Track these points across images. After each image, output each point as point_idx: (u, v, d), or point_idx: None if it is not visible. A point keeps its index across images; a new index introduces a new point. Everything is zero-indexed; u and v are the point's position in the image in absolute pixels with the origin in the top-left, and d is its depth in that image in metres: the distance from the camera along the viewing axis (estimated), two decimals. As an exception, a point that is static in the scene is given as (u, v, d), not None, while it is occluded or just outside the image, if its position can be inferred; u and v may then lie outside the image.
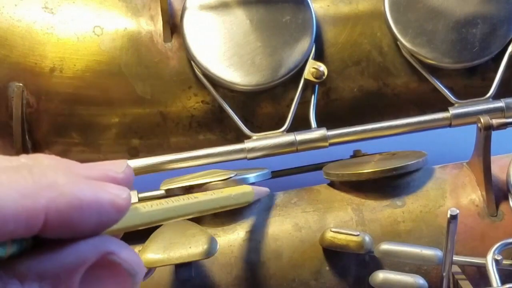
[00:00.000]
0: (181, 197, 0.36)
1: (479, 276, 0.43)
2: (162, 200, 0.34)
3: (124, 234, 0.35)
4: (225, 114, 0.49)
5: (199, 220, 0.44)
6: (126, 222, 0.30)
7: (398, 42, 0.50)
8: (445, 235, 0.39)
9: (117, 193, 0.28)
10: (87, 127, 0.50)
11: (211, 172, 0.45)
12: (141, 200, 0.46)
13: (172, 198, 0.35)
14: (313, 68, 0.49)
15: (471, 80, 0.51)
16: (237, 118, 0.49)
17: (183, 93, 0.50)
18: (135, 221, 0.31)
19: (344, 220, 0.45)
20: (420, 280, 0.41)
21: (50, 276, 0.27)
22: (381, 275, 0.42)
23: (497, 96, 0.49)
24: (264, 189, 0.43)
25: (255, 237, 0.44)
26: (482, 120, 0.44)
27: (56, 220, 0.26)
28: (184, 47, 0.49)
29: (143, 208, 0.32)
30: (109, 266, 0.28)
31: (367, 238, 0.42)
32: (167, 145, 0.51)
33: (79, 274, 0.28)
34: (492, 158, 0.45)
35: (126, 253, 0.29)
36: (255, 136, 0.48)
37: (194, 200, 0.36)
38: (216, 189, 0.41)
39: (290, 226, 0.45)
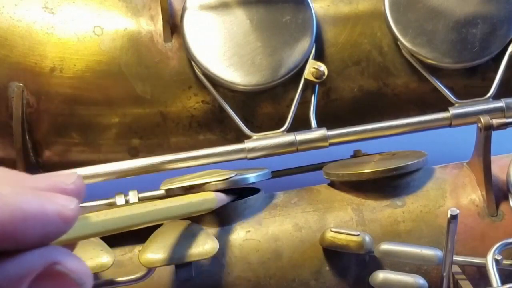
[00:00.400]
0: (138, 205, 0.35)
1: (479, 276, 0.43)
2: (118, 209, 0.33)
3: (124, 234, 0.35)
4: (225, 114, 0.49)
5: (199, 220, 0.44)
6: (77, 232, 0.30)
7: (398, 42, 0.50)
8: (445, 235, 0.39)
9: (64, 204, 0.28)
10: (87, 127, 0.50)
11: (211, 172, 0.45)
12: (141, 200, 0.46)
13: (129, 206, 0.34)
14: (313, 68, 0.49)
15: (471, 80, 0.51)
16: (237, 118, 0.49)
17: (183, 93, 0.50)
18: (87, 231, 0.31)
19: (344, 220, 0.45)
20: (420, 280, 0.41)
21: None
22: (381, 275, 0.42)
23: (497, 96, 0.49)
24: (225, 197, 0.43)
25: (255, 237, 0.44)
26: (482, 120, 0.44)
27: None
28: (184, 47, 0.49)
29: (96, 217, 0.31)
30: (56, 276, 0.28)
31: (367, 238, 0.42)
32: (167, 145, 0.51)
33: (25, 285, 0.27)
34: (492, 158, 0.45)
35: (73, 263, 0.28)
36: (255, 136, 0.48)
37: (151, 208, 0.35)
38: (176, 197, 0.40)
39: (290, 226, 0.45)
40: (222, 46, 0.49)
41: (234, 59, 0.49)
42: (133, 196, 0.46)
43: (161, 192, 0.46)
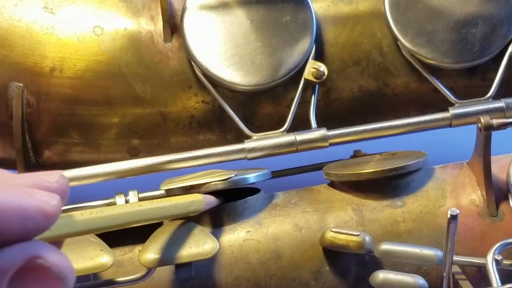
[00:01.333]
0: (124, 205, 0.35)
1: (479, 276, 0.43)
2: (104, 208, 0.33)
3: (124, 234, 0.35)
4: (225, 114, 0.49)
5: (199, 220, 0.44)
6: (61, 229, 0.30)
7: (398, 42, 0.50)
8: (445, 235, 0.39)
9: (45, 200, 0.28)
10: (87, 127, 0.50)
11: (211, 172, 0.45)
12: (141, 200, 0.46)
13: (115, 206, 0.34)
14: (313, 68, 0.49)
15: (471, 80, 0.51)
16: (237, 118, 0.49)
17: (183, 93, 0.50)
18: (71, 229, 0.31)
19: (344, 220, 0.45)
20: (420, 280, 0.41)
21: None
22: (381, 275, 0.42)
23: (497, 96, 0.49)
24: (214, 199, 0.43)
25: (255, 237, 0.44)
26: (482, 120, 0.44)
27: None
28: (184, 47, 0.49)
29: (80, 215, 0.31)
30: (38, 270, 0.28)
31: (367, 238, 0.42)
32: (167, 145, 0.51)
33: (5, 280, 0.27)
34: (492, 158, 0.45)
35: (55, 257, 0.28)
36: (255, 136, 0.48)
37: (136, 209, 0.35)
38: (164, 198, 0.40)
39: (290, 226, 0.45)
40: (222, 46, 0.49)
41: (234, 59, 0.49)
42: (133, 196, 0.46)
43: (161, 192, 0.46)
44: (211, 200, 0.42)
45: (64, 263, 0.28)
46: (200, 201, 0.41)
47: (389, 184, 0.46)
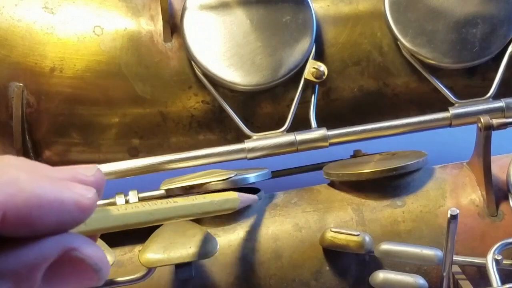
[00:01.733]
0: (159, 201, 0.35)
1: (479, 276, 0.43)
2: (139, 203, 0.33)
3: (124, 234, 0.35)
4: (225, 114, 0.49)
5: (199, 220, 0.44)
6: (97, 223, 0.30)
7: (398, 42, 0.50)
8: (445, 235, 0.39)
9: (82, 193, 0.28)
10: (87, 127, 0.50)
11: (211, 172, 0.45)
12: (141, 200, 0.46)
13: (149, 202, 0.34)
14: (313, 68, 0.49)
15: (471, 80, 0.51)
16: (237, 118, 0.49)
17: (183, 93, 0.50)
18: (107, 223, 0.31)
19: (344, 220, 0.45)
20: (420, 280, 0.41)
21: (11, 274, 0.27)
22: (381, 275, 0.42)
23: (497, 96, 0.49)
24: (252, 197, 0.42)
25: (255, 237, 0.44)
26: (482, 120, 0.44)
27: (14, 216, 0.26)
28: (184, 47, 0.49)
29: (116, 210, 0.31)
30: (73, 262, 0.28)
31: (367, 238, 0.42)
32: (167, 145, 0.51)
33: (41, 271, 0.28)
34: (492, 158, 0.45)
35: (90, 249, 0.29)
36: (255, 136, 0.48)
37: (171, 205, 0.35)
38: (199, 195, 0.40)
39: (290, 226, 0.45)
40: (222, 46, 0.49)
41: (234, 59, 0.49)
42: (133, 196, 0.46)
43: (161, 192, 0.46)
44: (247, 199, 0.42)
45: (99, 255, 0.29)
46: (235, 199, 0.40)
47: (389, 184, 0.46)
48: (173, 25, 0.50)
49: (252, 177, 0.45)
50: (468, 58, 0.49)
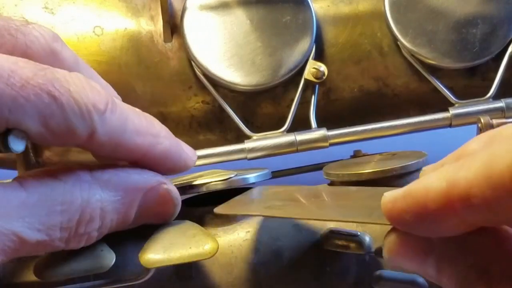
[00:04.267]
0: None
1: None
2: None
3: (124, 233, 0.35)
4: (225, 114, 0.49)
5: (199, 220, 0.44)
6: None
7: (398, 42, 0.50)
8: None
9: (191, 155, 0.40)
10: (87, 127, 0.50)
11: (211, 172, 0.45)
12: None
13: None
14: (313, 68, 0.49)
15: (471, 80, 0.51)
16: (237, 118, 0.49)
17: (183, 93, 0.50)
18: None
19: (344, 220, 0.45)
20: (420, 280, 0.41)
21: (123, 189, 0.36)
22: (381, 275, 0.42)
23: (497, 96, 0.49)
24: None
25: (255, 237, 0.44)
26: (482, 120, 0.44)
27: (150, 158, 0.37)
28: (184, 47, 0.49)
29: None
30: (161, 193, 0.37)
31: (367, 238, 0.42)
32: (167, 145, 0.51)
33: (141, 194, 0.36)
34: (492, 158, 0.45)
35: (173, 186, 0.38)
36: (255, 136, 0.48)
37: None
38: None
39: (290, 226, 0.45)
40: (222, 46, 0.49)
41: (234, 59, 0.49)
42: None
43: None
44: None
45: (177, 192, 0.39)
46: None
47: (389, 184, 0.46)
48: (173, 25, 0.50)
49: (252, 177, 0.45)
50: (468, 58, 0.49)
